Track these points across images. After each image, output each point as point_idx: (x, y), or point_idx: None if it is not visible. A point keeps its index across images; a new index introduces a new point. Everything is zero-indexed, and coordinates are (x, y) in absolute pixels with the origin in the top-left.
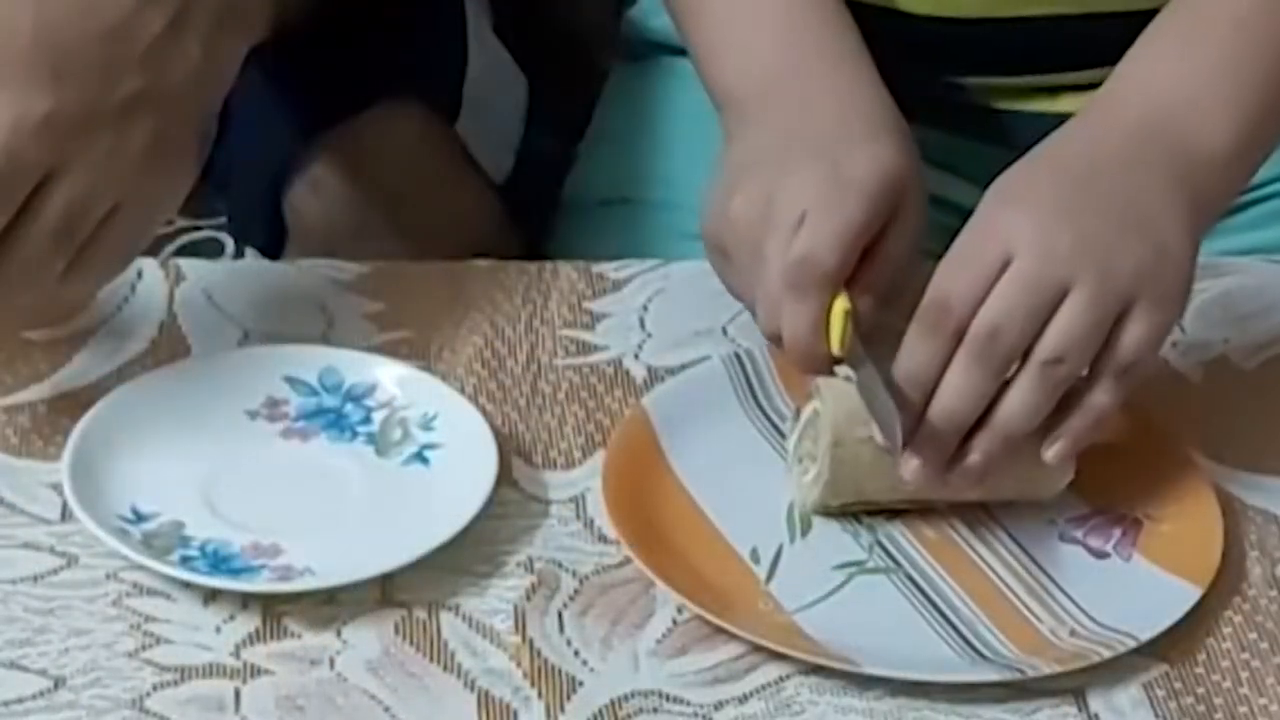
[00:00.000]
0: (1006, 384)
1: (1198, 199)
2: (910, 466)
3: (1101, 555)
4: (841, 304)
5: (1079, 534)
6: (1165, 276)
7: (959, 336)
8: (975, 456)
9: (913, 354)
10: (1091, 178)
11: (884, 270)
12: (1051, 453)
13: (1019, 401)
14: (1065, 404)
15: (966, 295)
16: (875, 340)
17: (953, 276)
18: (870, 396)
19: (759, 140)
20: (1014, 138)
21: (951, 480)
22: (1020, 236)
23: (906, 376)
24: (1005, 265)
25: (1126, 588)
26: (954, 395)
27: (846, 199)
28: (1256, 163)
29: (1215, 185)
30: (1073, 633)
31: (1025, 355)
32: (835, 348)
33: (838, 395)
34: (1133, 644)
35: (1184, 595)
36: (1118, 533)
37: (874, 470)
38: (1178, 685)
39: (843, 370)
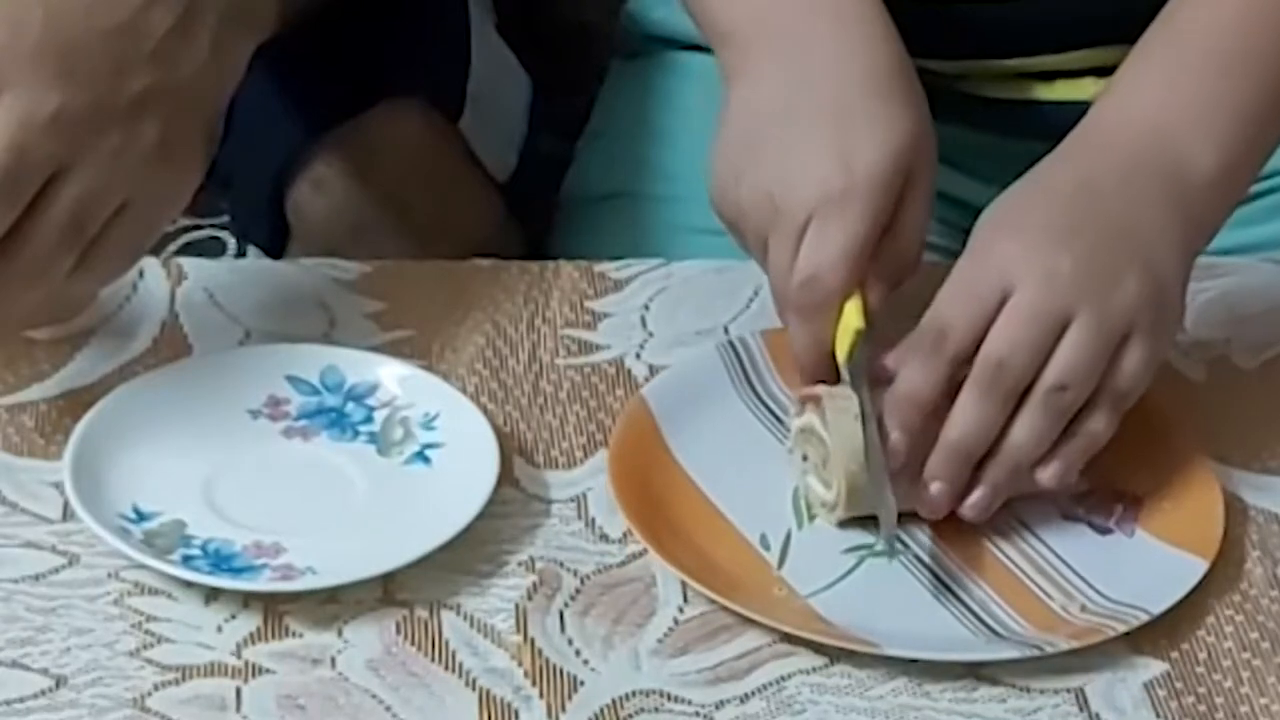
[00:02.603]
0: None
1: (1190, 222)
2: (925, 501)
3: (1105, 531)
4: (855, 321)
5: (1081, 511)
6: (1161, 305)
7: (956, 362)
8: (984, 489)
9: (910, 378)
10: (1087, 204)
11: (894, 255)
12: (1048, 476)
13: (1026, 430)
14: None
15: (966, 324)
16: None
17: (952, 305)
18: (870, 446)
19: (764, 97)
20: (1018, 128)
21: (963, 513)
22: (1019, 267)
23: (906, 398)
24: (1004, 295)
25: (1133, 562)
26: (965, 428)
27: (852, 204)
28: (1247, 181)
29: (1207, 207)
30: (1083, 608)
31: (1029, 384)
32: (841, 357)
33: (845, 437)
34: (1145, 618)
35: (1191, 568)
36: (1119, 508)
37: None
38: (1179, 685)
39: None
